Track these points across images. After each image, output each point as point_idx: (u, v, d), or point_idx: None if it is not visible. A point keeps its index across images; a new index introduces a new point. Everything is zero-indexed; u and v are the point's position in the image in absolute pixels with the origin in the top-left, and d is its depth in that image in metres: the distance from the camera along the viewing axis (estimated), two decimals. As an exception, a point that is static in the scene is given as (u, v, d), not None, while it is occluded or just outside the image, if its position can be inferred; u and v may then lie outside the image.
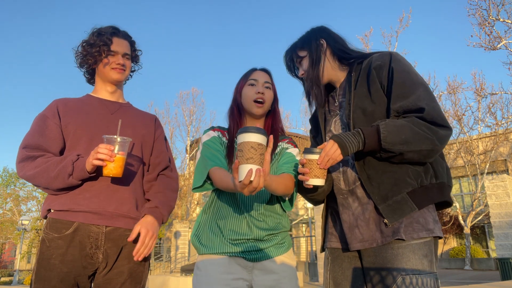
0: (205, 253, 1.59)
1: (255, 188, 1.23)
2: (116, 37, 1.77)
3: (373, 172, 1.42)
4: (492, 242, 19.64)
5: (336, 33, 1.67)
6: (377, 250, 1.38)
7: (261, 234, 1.57)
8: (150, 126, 1.84)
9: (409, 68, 1.44)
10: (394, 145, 1.32)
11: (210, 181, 1.60)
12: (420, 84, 1.40)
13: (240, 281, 1.53)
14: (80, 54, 1.76)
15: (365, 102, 1.46)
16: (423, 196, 1.37)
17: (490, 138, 18.74)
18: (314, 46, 1.61)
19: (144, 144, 1.76)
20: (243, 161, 1.21)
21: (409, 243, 1.32)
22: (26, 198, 34.11)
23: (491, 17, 12.76)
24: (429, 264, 1.31)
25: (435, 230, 1.35)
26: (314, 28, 1.69)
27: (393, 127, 1.32)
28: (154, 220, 1.64)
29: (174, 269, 20.70)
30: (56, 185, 1.53)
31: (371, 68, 1.48)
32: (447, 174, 1.44)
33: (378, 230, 1.39)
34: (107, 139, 1.50)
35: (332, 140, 1.36)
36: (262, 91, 1.68)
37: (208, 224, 1.65)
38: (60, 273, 1.48)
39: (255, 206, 1.62)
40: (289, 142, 1.76)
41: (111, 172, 1.48)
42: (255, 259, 1.57)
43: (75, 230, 1.52)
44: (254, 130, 1.23)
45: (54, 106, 1.69)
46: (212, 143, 1.68)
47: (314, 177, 1.37)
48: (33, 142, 1.60)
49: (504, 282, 8.10)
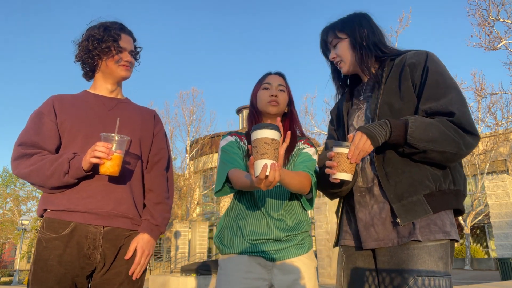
0: (226, 253, 1.64)
1: (271, 182, 1.25)
2: (123, 33, 1.73)
3: (392, 170, 1.39)
4: (492, 242, 19.63)
5: (377, 24, 1.61)
6: (392, 250, 1.36)
7: (281, 234, 1.60)
8: (149, 122, 1.80)
9: (443, 70, 1.40)
10: (419, 142, 1.28)
11: (230, 184, 1.62)
12: (453, 88, 1.36)
13: (259, 281, 1.56)
14: (85, 48, 1.68)
15: (393, 98, 1.43)
16: (440, 200, 1.35)
17: (490, 138, 18.73)
18: (357, 32, 1.56)
19: (142, 142, 1.73)
20: (258, 156, 1.24)
21: (425, 244, 1.30)
22: (26, 198, 34.18)
23: (491, 17, 12.76)
24: (444, 266, 1.29)
25: (451, 233, 1.33)
26: (357, 13, 1.62)
27: (421, 123, 1.29)
28: (151, 239, 1.63)
29: (174, 269, 20.70)
30: (51, 183, 1.50)
31: (404, 65, 1.44)
32: (463, 182, 1.42)
33: (395, 230, 1.37)
34: (104, 137, 1.48)
35: (360, 132, 1.32)
36: (275, 94, 1.72)
37: (229, 225, 1.69)
38: (58, 274, 1.46)
39: (274, 207, 1.64)
40: (305, 143, 1.77)
41: (108, 170, 1.46)
42: (274, 259, 1.59)
43: (73, 230, 1.50)
44: (266, 126, 1.25)
45: (50, 102, 1.65)
46: (229, 147, 1.71)
47: (341, 171, 1.33)
48: (28, 140, 1.56)
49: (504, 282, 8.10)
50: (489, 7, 12.68)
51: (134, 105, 1.83)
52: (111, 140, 1.47)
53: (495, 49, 13.01)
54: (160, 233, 1.68)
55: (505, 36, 12.87)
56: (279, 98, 1.72)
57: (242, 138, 1.77)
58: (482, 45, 13.18)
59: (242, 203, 1.69)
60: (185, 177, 25.62)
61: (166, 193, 1.74)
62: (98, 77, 1.75)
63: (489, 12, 12.73)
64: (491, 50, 13.17)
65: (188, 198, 25.25)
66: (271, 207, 1.64)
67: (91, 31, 1.70)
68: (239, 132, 1.81)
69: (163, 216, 1.69)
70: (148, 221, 1.64)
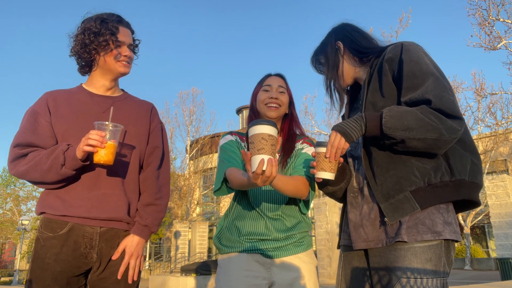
0: (225, 253, 1.65)
1: (268, 177, 1.24)
2: (121, 25, 1.64)
3: (378, 169, 1.38)
4: (492, 242, 19.63)
5: (356, 29, 1.63)
6: (381, 250, 1.36)
7: (279, 235, 1.60)
8: (145, 118, 1.73)
9: (419, 58, 1.37)
10: (395, 131, 1.25)
11: (227, 183, 1.62)
12: (430, 74, 1.33)
13: (259, 279, 1.56)
14: (81, 42, 1.59)
15: (376, 97, 1.44)
16: (429, 195, 1.30)
17: (490, 138, 18.73)
18: (330, 51, 1.61)
19: (138, 142, 1.67)
20: (254, 152, 1.24)
21: (411, 245, 1.27)
22: (26, 198, 34.16)
23: (491, 17, 12.76)
24: (433, 268, 1.25)
25: (444, 232, 1.28)
26: (332, 29, 1.67)
27: (397, 112, 1.27)
28: (140, 240, 1.61)
29: (174, 269, 20.70)
30: (50, 177, 1.48)
31: (383, 61, 1.45)
32: (472, 170, 1.34)
33: (383, 231, 1.36)
34: (98, 126, 1.45)
35: (334, 130, 1.35)
36: (275, 96, 1.70)
37: (228, 226, 1.70)
38: (54, 272, 1.46)
39: (272, 208, 1.64)
40: (304, 142, 1.75)
41: (102, 159, 1.43)
42: (272, 256, 1.59)
43: (70, 230, 1.50)
44: (263, 122, 1.26)
45: (44, 101, 1.61)
46: (228, 145, 1.71)
47: (321, 170, 1.36)
48: (24, 140, 1.54)
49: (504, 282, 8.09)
50: (489, 7, 12.68)
51: (130, 101, 1.75)
52: (105, 128, 1.46)
53: (495, 49, 13.01)
54: (150, 232, 1.66)
55: (505, 36, 12.87)
56: (279, 100, 1.71)
57: (243, 138, 1.76)
58: (482, 45, 13.19)
59: (240, 205, 1.69)
60: (185, 177, 25.62)
61: (156, 194, 1.68)
62: (96, 72, 1.67)
63: (489, 12, 12.73)
64: (491, 50, 13.17)
65: (188, 198, 25.25)
66: (269, 208, 1.63)
67: (87, 23, 1.60)
68: (240, 132, 1.80)
69: (153, 216, 1.65)
70: (137, 222, 1.63)
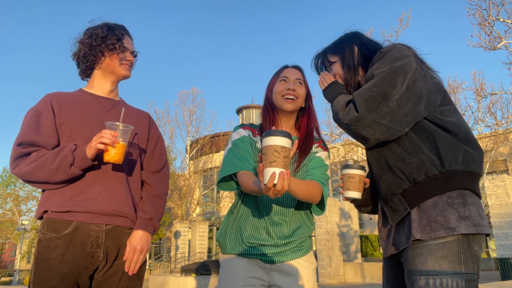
0: (227, 253, 1.67)
1: (279, 190, 1.23)
2: (126, 34, 1.76)
3: (376, 178, 1.51)
4: (492, 242, 19.63)
5: (369, 39, 1.65)
6: (404, 253, 1.39)
7: (280, 241, 1.60)
8: (144, 125, 1.80)
9: (381, 63, 1.40)
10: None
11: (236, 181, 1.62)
12: (374, 77, 1.38)
13: (258, 282, 1.58)
14: (88, 45, 1.67)
15: None
16: (417, 193, 1.35)
17: (490, 138, 18.72)
18: (348, 52, 1.61)
19: (139, 144, 1.74)
20: (267, 164, 1.23)
21: (426, 243, 1.30)
22: (26, 198, 34.15)
23: (491, 17, 12.75)
24: (449, 265, 1.25)
25: (459, 227, 1.26)
26: (347, 34, 1.68)
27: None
28: (144, 234, 1.62)
29: (174, 269, 20.69)
30: (58, 177, 1.49)
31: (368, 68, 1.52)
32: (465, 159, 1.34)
33: (401, 233, 1.41)
34: (109, 125, 1.49)
35: None
36: (293, 88, 1.66)
37: (232, 225, 1.69)
38: (60, 273, 1.45)
39: (277, 211, 1.63)
40: (319, 146, 1.74)
41: (113, 158, 1.47)
42: (272, 261, 1.60)
43: (75, 229, 1.50)
44: (277, 134, 1.23)
45: (48, 101, 1.62)
46: (241, 143, 1.66)
47: (347, 189, 1.54)
48: (28, 139, 1.54)
49: (504, 282, 8.09)
50: (489, 7, 12.67)
51: (129, 107, 1.82)
52: (116, 128, 1.49)
53: (495, 49, 13.00)
54: (154, 226, 1.67)
55: (505, 36, 12.87)
56: (296, 92, 1.67)
57: (255, 132, 1.73)
58: (482, 45, 13.18)
59: (245, 205, 1.68)
60: (185, 177, 25.61)
61: (162, 188, 1.76)
62: (97, 75, 1.73)
63: (489, 12, 12.73)
64: (491, 50, 13.16)
65: (188, 198, 25.24)
66: (274, 211, 1.63)
67: (94, 30, 1.69)
68: (252, 125, 1.75)
69: (157, 210, 1.69)
70: (140, 217, 1.65)
